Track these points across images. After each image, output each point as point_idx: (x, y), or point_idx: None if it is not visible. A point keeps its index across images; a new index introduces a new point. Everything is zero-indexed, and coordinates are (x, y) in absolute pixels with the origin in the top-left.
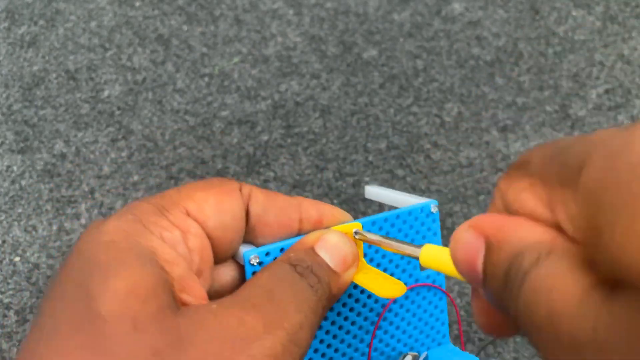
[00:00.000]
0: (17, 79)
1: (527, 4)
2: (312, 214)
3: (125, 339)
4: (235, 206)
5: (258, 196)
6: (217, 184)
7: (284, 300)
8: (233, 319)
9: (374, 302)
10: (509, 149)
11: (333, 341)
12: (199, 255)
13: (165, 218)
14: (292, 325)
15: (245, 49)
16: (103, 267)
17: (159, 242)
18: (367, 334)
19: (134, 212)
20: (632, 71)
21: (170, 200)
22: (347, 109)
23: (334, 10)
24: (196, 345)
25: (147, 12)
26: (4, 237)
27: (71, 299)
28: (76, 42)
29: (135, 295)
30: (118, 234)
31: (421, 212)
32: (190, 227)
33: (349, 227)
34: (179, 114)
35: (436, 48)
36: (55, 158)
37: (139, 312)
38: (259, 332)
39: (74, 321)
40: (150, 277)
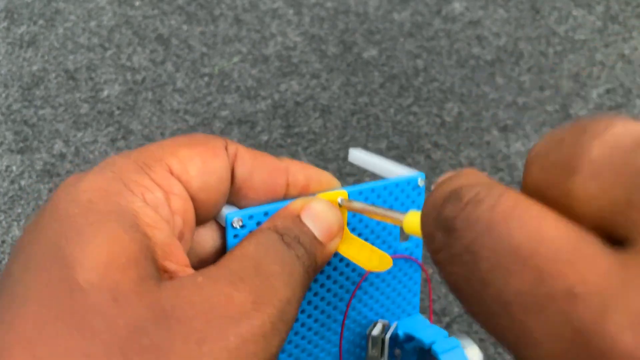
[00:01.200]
0: (16, 79)
1: (527, 4)
2: (299, 179)
3: (105, 312)
4: (221, 167)
5: (245, 157)
6: (202, 140)
7: (272, 273)
8: (221, 295)
9: (351, 271)
10: (509, 149)
11: (307, 307)
12: (181, 218)
13: (148, 176)
14: (281, 302)
15: (245, 48)
16: (81, 230)
17: (141, 204)
18: (341, 301)
19: (113, 168)
20: (633, 71)
21: (152, 156)
22: (347, 108)
23: (334, 10)
24: (182, 322)
25: (146, 11)
26: (4, 237)
27: (46, 264)
28: (76, 42)
29: (116, 264)
30: (97, 193)
31: (408, 184)
32: (173, 188)
33: (334, 195)
34: (178, 113)
35: (436, 48)
36: (54, 158)
37: (120, 283)
38: (248, 309)
39: (50, 289)
40: (132, 243)
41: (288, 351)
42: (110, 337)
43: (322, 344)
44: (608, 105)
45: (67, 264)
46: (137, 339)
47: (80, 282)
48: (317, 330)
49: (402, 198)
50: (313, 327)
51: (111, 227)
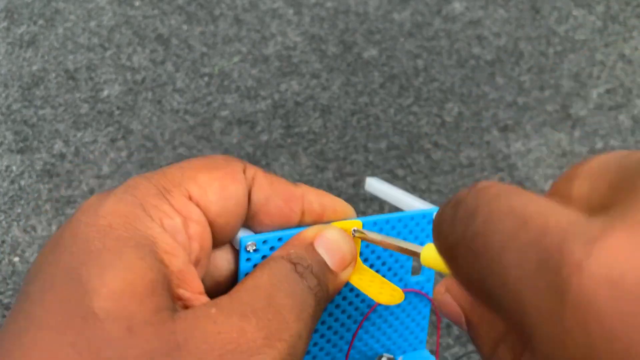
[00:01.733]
0: (16, 79)
1: (527, 4)
2: (314, 207)
3: (119, 342)
4: (239, 192)
5: (262, 182)
6: (222, 164)
7: (284, 306)
8: (233, 329)
9: (360, 302)
10: (509, 148)
11: (314, 335)
12: (198, 244)
13: (167, 202)
14: (292, 337)
15: (245, 48)
16: (99, 257)
17: (159, 231)
18: (348, 331)
19: (134, 192)
20: (633, 71)
21: (172, 181)
22: (347, 108)
23: (334, 10)
24: (194, 355)
25: (146, 11)
26: (4, 237)
27: (63, 289)
28: (75, 42)
29: (132, 293)
30: (116, 218)
31: (423, 218)
32: (192, 214)
33: (349, 224)
34: (178, 113)
35: (437, 48)
36: (54, 158)
37: (135, 313)
38: (259, 344)
39: (65, 315)
40: (149, 272)
41: None
42: None
43: None
44: (608, 105)
45: (84, 290)
46: None
47: (95, 310)
48: (322, 359)
49: (417, 231)
50: (318, 355)
51: (129, 254)
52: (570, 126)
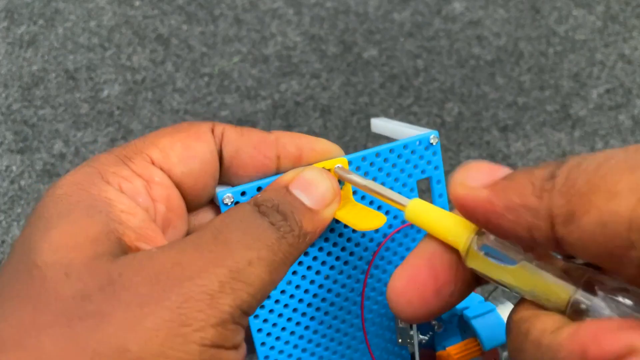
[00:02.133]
0: (16, 79)
1: (527, 4)
2: (290, 150)
3: (57, 285)
4: (205, 150)
5: (231, 135)
6: (185, 127)
7: (231, 238)
8: (169, 260)
9: (368, 241)
10: (509, 149)
11: (325, 281)
12: (164, 205)
13: (127, 167)
14: (237, 262)
15: (245, 48)
16: (48, 219)
17: (115, 193)
18: (362, 273)
19: (93, 164)
20: (633, 71)
21: (133, 149)
22: (347, 108)
23: (334, 10)
24: (126, 288)
25: (146, 11)
26: (3, 237)
27: (15, 253)
28: (75, 42)
29: (73, 245)
30: (71, 187)
31: (419, 144)
32: (154, 176)
33: (331, 163)
34: (178, 113)
35: (436, 48)
36: (54, 158)
37: (73, 259)
38: (194, 271)
39: (12, 273)
40: (92, 226)
41: (312, 327)
42: (58, 307)
43: (349, 318)
44: (608, 105)
45: (30, 249)
46: (83, 306)
47: (38, 263)
48: (341, 305)
49: (415, 160)
50: (336, 301)
51: (76, 214)
52: (570, 126)
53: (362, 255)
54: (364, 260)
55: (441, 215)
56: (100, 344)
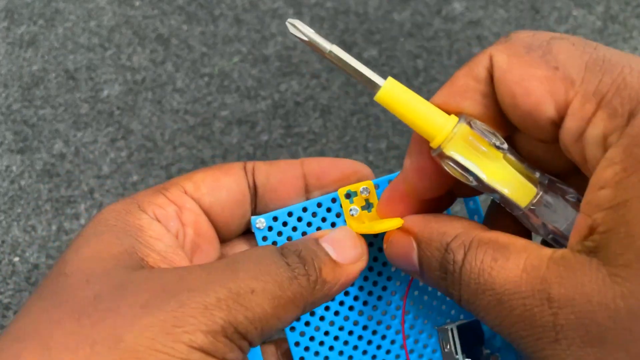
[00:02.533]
0: (16, 79)
1: (527, 4)
2: (314, 167)
3: (78, 289)
4: (234, 182)
5: (261, 167)
6: (219, 165)
7: (240, 268)
8: (176, 276)
9: (401, 274)
10: None
11: (369, 322)
12: (192, 229)
13: (163, 196)
14: (239, 287)
15: (245, 48)
16: (83, 238)
17: (148, 221)
18: (397, 309)
19: (134, 195)
20: None
21: (171, 182)
22: (347, 109)
23: (334, 10)
24: (134, 293)
25: (146, 11)
26: (3, 237)
27: (54, 269)
28: (75, 42)
29: (98, 258)
30: (110, 213)
31: None
32: (185, 203)
33: (356, 186)
34: (178, 113)
35: (436, 48)
36: (54, 158)
37: (95, 269)
38: (196, 285)
39: (46, 283)
40: (118, 246)
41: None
42: (73, 306)
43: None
44: None
45: (62, 261)
46: (95, 304)
47: (66, 272)
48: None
49: None
50: (378, 329)
51: (107, 235)
52: None
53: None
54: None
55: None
56: (99, 334)
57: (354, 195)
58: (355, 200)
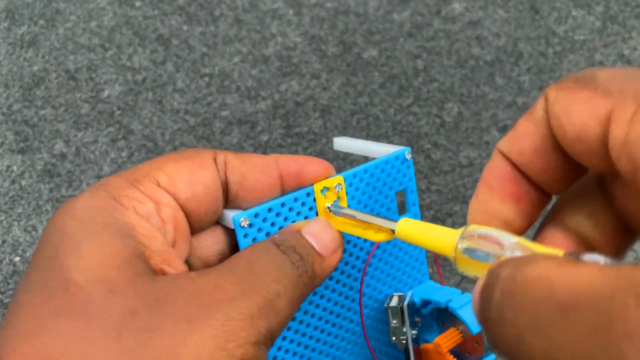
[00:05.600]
0: (17, 79)
1: (527, 4)
2: (291, 168)
3: (101, 300)
4: (208, 176)
5: (234, 162)
6: (189, 155)
7: (263, 271)
8: (210, 283)
9: (359, 250)
10: None
11: (325, 291)
12: (172, 226)
13: (137, 189)
14: (269, 292)
15: (245, 49)
16: (77, 239)
17: (135, 217)
18: (355, 281)
19: (106, 188)
20: None
21: (141, 172)
22: (347, 109)
23: (334, 10)
24: (173, 306)
25: (147, 12)
26: (4, 237)
27: (45, 271)
28: (76, 42)
29: (110, 264)
30: (92, 209)
31: (396, 160)
32: (162, 198)
33: (331, 181)
34: (179, 114)
35: (436, 48)
36: (55, 158)
37: (114, 278)
38: (235, 294)
39: (47, 290)
40: (125, 249)
41: (315, 336)
42: (106, 321)
43: (346, 324)
44: None
45: (63, 267)
46: (131, 321)
47: (76, 279)
48: (338, 312)
49: (394, 174)
50: (334, 309)
51: (104, 235)
52: None
53: (354, 264)
54: (355, 268)
55: (427, 230)
56: (151, 355)
57: (325, 190)
58: (327, 195)
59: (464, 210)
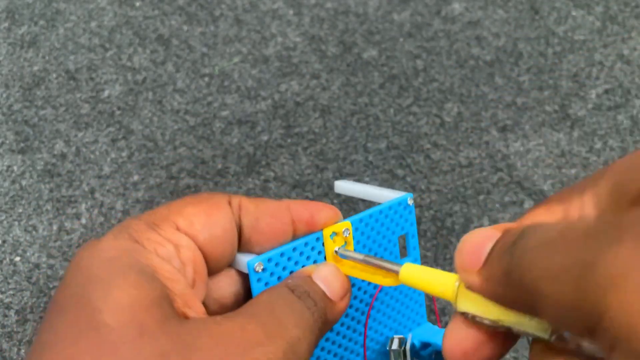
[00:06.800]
0: (17, 79)
1: (526, 4)
2: (303, 214)
3: (132, 343)
4: (225, 219)
5: (248, 207)
6: (205, 198)
7: (283, 315)
8: (236, 327)
9: (362, 293)
10: (508, 149)
11: (329, 334)
12: (191, 268)
13: (157, 233)
14: (291, 337)
15: (245, 49)
16: (105, 280)
17: (158, 260)
18: (358, 323)
19: (128, 230)
20: (632, 71)
21: (160, 216)
22: (347, 109)
23: (334, 10)
24: (202, 349)
25: (147, 12)
26: (4, 237)
27: (73, 311)
28: (76, 42)
29: (139, 306)
30: (116, 251)
31: (399, 205)
32: (181, 241)
33: (339, 227)
34: (179, 114)
35: (436, 48)
36: (55, 158)
37: (145, 320)
38: (261, 338)
39: (77, 330)
40: (153, 290)
41: None
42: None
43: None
44: (607, 105)
45: (93, 307)
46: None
47: (107, 320)
48: (342, 355)
49: (397, 219)
50: (338, 352)
51: (132, 277)
52: (569, 126)
53: (358, 307)
54: (359, 311)
55: (428, 274)
56: None
57: (334, 235)
58: (336, 240)
59: (464, 210)
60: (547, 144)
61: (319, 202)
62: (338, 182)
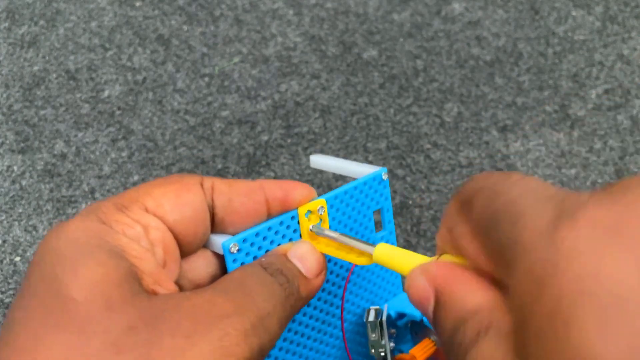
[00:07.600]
0: (17, 79)
1: (526, 4)
2: (277, 193)
3: (100, 317)
4: (195, 199)
5: (221, 187)
6: (176, 179)
7: (253, 290)
8: (205, 301)
9: (339, 268)
10: (508, 149)
11: (307, 308)
12: (161, 248)
13: (126, 215)
14: (260, 311)
15: (245, 49)
16: (72, 259)
17: (126, 240)
18: (335, 297)
19: (96, 212)
20: (632, 71)
21: (128, 198)
22: (347, 109)
23: (334, 10)
24: (170, 321)
25: (147, 12)
26: (5, 237)
27: (41, 289)
28: (76, 42)
29: (107, 282)
30: (84, 232)
31: (374, 181)
32: (150, 222)
33: (314, 204)
34: (179, 114)
35: (436, 48)
36: (55, 158)
37: (112, 295)
38: (230, 311)
39: (45, 307)
40: (121, 268)
41: (298, 352)
42: (105, 337)
43: (327, 339)
44: (607, 105)
45: (61, 285)
46: (130, 336)
47: (74, 296)
48: (320, 328)
49: (372, 194)
50: (316, 325)
51: (100, 256)
52: (569, 126)
53: (335, 281)
54: (335, 285)
55: (402, 255)
56: None
57: (309, 213)
58: (311, 218)
59: None
60: (547, 144)
61: (293, 181)
62: (313, 156)
